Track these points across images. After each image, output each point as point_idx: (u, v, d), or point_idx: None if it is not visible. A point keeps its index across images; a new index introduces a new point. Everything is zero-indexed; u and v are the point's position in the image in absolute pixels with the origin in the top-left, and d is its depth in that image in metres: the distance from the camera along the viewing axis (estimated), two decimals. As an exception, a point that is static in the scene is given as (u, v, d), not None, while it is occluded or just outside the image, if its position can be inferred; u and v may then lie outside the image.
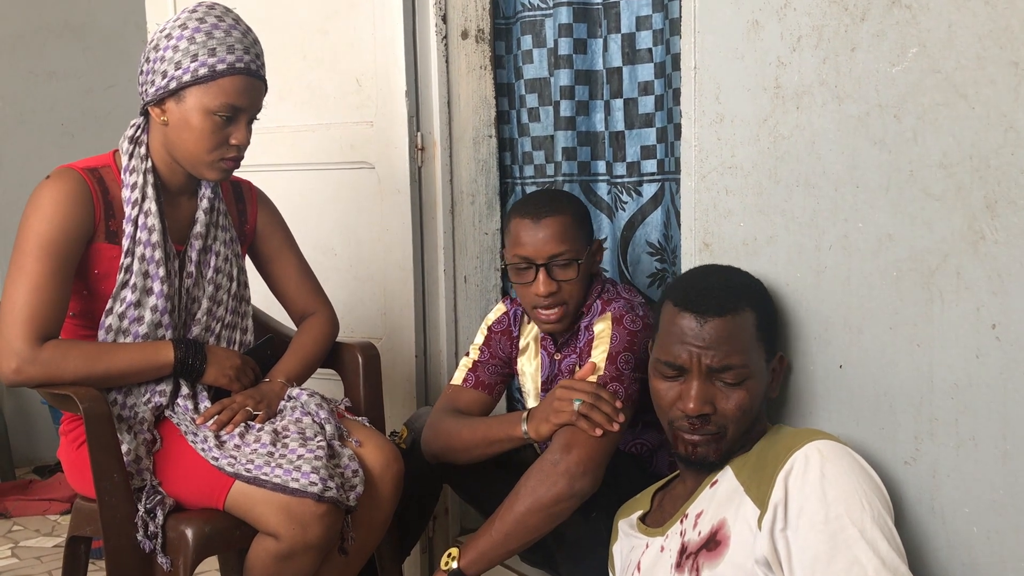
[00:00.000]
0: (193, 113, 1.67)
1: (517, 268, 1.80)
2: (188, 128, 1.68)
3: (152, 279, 1.71)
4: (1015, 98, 1.19)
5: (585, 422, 1.61)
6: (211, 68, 1.65)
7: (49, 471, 3.60)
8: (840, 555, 1.19)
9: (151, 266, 1.71)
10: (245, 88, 1.68)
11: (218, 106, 1.66)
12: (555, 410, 1.65)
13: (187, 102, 1.67)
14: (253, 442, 1.68)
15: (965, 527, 1.29)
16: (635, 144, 2.22)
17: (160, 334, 1.74)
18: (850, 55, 1.37)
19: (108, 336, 1.70)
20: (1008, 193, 1.21)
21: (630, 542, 1.53)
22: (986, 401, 1.25)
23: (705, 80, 1.59)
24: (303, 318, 1.98)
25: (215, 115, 1.67)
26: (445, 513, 2.50)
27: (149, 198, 1.71)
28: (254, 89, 1.71)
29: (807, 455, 1.27)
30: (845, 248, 1.40)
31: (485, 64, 2.48)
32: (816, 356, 1.46)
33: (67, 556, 1.83)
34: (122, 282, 1.69)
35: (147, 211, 1.71)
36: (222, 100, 1.66)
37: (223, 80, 1.66)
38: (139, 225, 1.70)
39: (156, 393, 1.73)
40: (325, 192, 2.56)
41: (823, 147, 1.42)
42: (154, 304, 1.71)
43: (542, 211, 1.79)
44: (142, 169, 1.72)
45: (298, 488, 1.58)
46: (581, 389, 1.64)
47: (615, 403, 1.63)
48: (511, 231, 1.83)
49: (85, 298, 1.72)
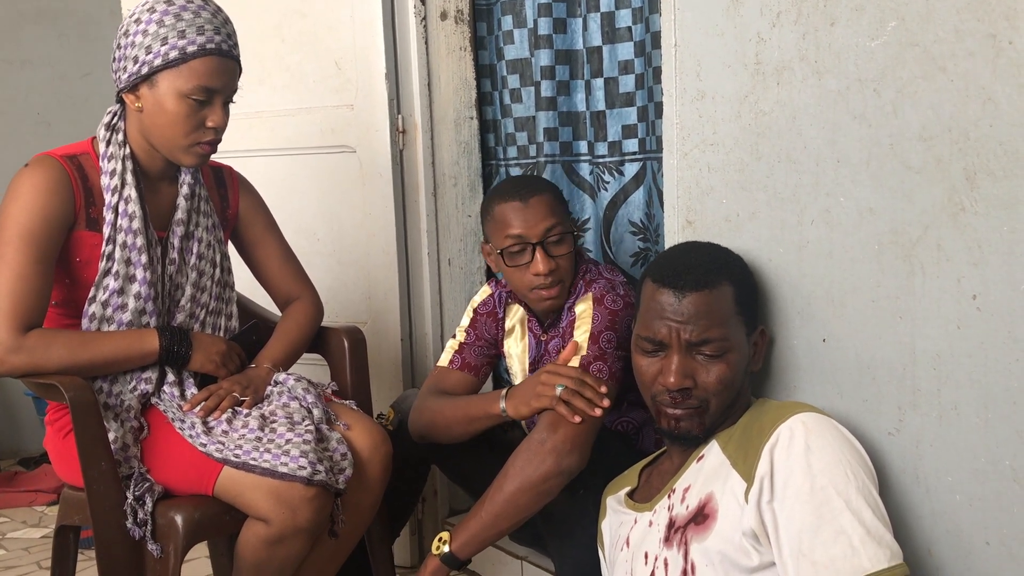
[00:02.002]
0: (167, 97, 1.65)
1: (510, 251, 1.80)
2: (162, 113, 1.66)
3: (134, 266, 1.70)
4: (993, 70, 1.20)
5: (565, 408, 1.61)
6: (182, 51, 1.63)
7: (34, 462, 3.58)
8: (826, 525, 1.20)
9: (133, 253, 1.70)
10: (217, 69, 1.67)
11: (191, 89, 1.65)
12: (536, 394, 1.66)
13: (160, 87, 1.65)
14: (241, 427, 1.68)
15: (948, 495, 1.31)
16: (616, 123, 2.22)
17: (144, 321, 1.73)
18: (829, 30, 1.38)
19: (92, 324, 1.69)
20: (987, 165, 1.22)
21: (618, 518, 1.55)
22: (968, 371, 1.27)
23: (686, 57, 1.59)
24: (287, 303, 1.98)
25: (189, 98, 1.65)
26: (434, 495, 2.52)
27: (129, 184, 1.70)
28: (227, 70, 1.69)
29: (792, 428, 1.28)
30: (827, 222, 1.41)
31: (465, 45, 2.47)
32: (799, 330, 1.48)
33: (56, 545, 1.83)
34: (104, 270, 1.69)
35: (127, 198, 1.70)
36: (195, 83, 1.65)
37: (195, 62, 1.64)
38: (119, 212, 1.69)
39: (142, 380, 1.72)
40: (306, 177, 2.55)
41: (804, 122, 1.43)
42: (137, 291, 1.71)
43: (527, 191, 1.80)
44: (120, 156, 1.71)
45: (287, 472, 1.59)
46: (566, 374, 1.65)
47: (600, 387, 1.63)
48: (496, 217, 1.83)
49: (67, 287, 1.71)
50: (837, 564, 1.18)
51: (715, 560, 1.30)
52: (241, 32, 1.77)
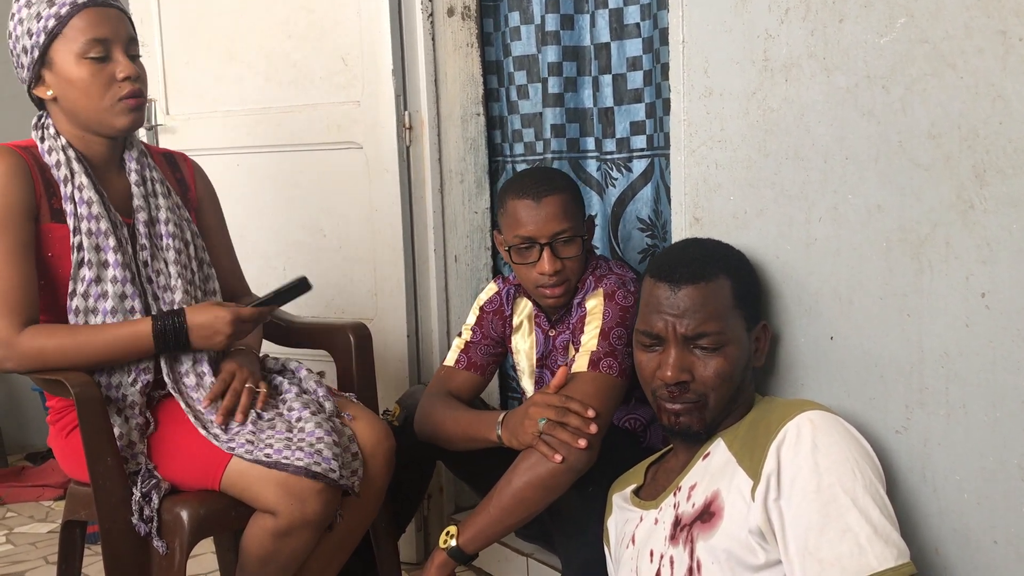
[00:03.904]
0: (66, 68, 1.65)
1: (519, 249, 1.80)
2: (72, 85, 1.66)
3: (104, 251, 1.68)
4: (1003, 67, 1.19)
5: (545, 447, 1.59)
6: (56, 16, 1.63)
7: (41, 458, 3.59)
8: (833, 523, 1.20)
9: (100, 238, 1.68)
10: (99, 19, 1.65)
11: (82, 46, 1.64)
12: (523, 430, 1.64)
13: (56, 62, 1.65)
14: (267, 427, 1.66)
15: (956, 494, 1.31)
16: (624, 120, 2.21)
17: (128, 306, 1.69)
18: (838, 26, 1.37)
19: (78, 319, 1.67)
20: (996, 162, 1.21)
21: (624, 515, 1.54)
22: (976, 369, 1.26)
23: (693, 54, 1.59)
24: (234, 298, 1.94)
25: (85, 58, 1.64)
26: (440, 491, 2.52)
27: (77, 172, 1.69)
28: (111, 17, 1.68)
29: (799, 425, 1.28)
30: (835, 220, 1.41)
31: (472, 41, 2.46)
32: (807, 328, 1.47)
33: (63, 541, 1.83)
34: (77, 261, 1.67)
35: (80, 185, 1.68)
36: (82, 39, 1.64)
37: (74, 20, 1.64)
38: (77, 200, 1.68)
39: (141, 372, 1.70)
40: (313, 173, 2.55)
41: (812, 119, 1.42)
42: (113, 275, 1.68)
43: (541, 190, 1.79)
44: (59, 147, 1.70)
45: (322, 471, 1.58)
46: (549, 404, 1.63)
47: (586, 412, 1.61)
48: (508, 212, 1.82)
49: (44, 287, 1.68)
50: (844, 562, 1.18)
51: (721, 558, 1.29)
52: (247, 27, 1.77)
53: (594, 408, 1.61)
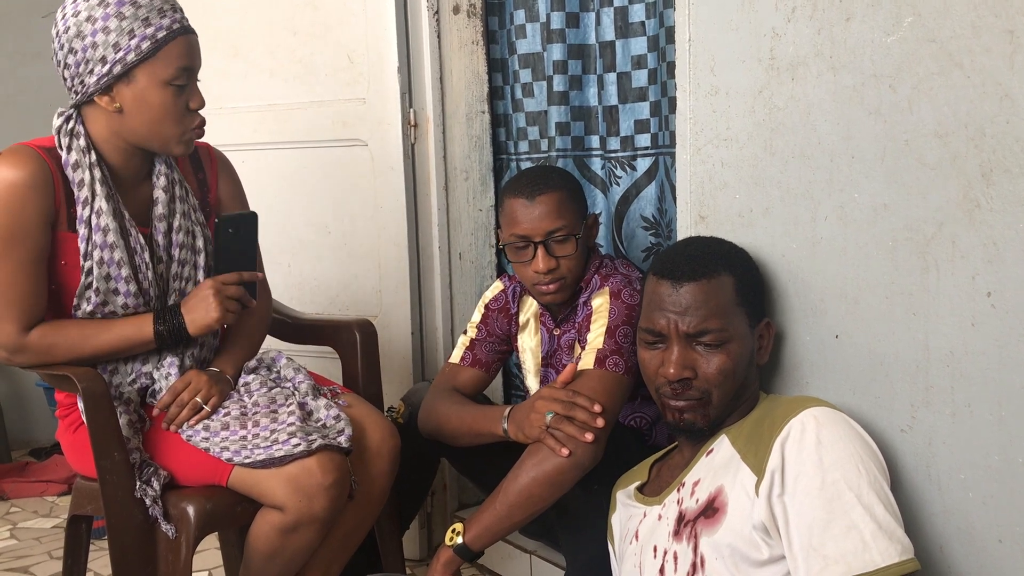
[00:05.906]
0: (150, 90, 1.60)
1: (515, 247, 1.81)
2: (148, 107, 1.61)
3: (115, 280, 1.66)
4: (1010, 67, 1.19)
5: (552, 440, 1.60)
6: (152, 39, 1.58)
7: (45, 453, 3.60)
8: (837, 520, 1.20)
9: (112, 268, 1.65)
10: (189, 48, 1.63)
11: (172, 74, 1.60)
12: (530, 423, 1.65)
13: (139, 81, 1.60)
14: (221, 430, 1.66)
15: (961, 493, 1.31)
16: (629, 118, 2.21)
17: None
18: (845, 25, 1.37)
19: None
20: (1003, 162, 1.21)
21: (628, 511, 1.55)
22: (982, 369, 1.26)
23: (700, 52, 1.59)
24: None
25: (172, 84, 1.61)
26: (443, 488, 2.52)
27: (99, 195, 1.63)
28: (195, 45, 1.66)
29: (803, 421, 1.28)
30: (841, 219, 1.41)
31: (477, 39, 2.47)
32: (812, 326, 1.47)
33: (68, 535, 1.84)
34: (85, 284, 1.65)
35: (98, 211, 1.63)
36: (175, 67, 1.61)
37: (168, 47, 1.60)
38: (93, 227, 1.63)
39: (141, 375, 1.72)
40: (318, 170, 2.55)
41: (818, 118, 1.43)
42: (124, 303, 1.68)
43: (536, 188, 1.79)
44: (86, 163, 1.63)
45: (285, 454, 1.59)
46: (556, 399, 1.63)
47: (593, 407, 1.61)
48: (506, 211, 1.83)
49: (53, 292, 1.67)
50: (848, 558, 1.18)
51: (725, 553, 1.30)
52: (252, 24, 1.76)
53: (600, 404, 1.62)
